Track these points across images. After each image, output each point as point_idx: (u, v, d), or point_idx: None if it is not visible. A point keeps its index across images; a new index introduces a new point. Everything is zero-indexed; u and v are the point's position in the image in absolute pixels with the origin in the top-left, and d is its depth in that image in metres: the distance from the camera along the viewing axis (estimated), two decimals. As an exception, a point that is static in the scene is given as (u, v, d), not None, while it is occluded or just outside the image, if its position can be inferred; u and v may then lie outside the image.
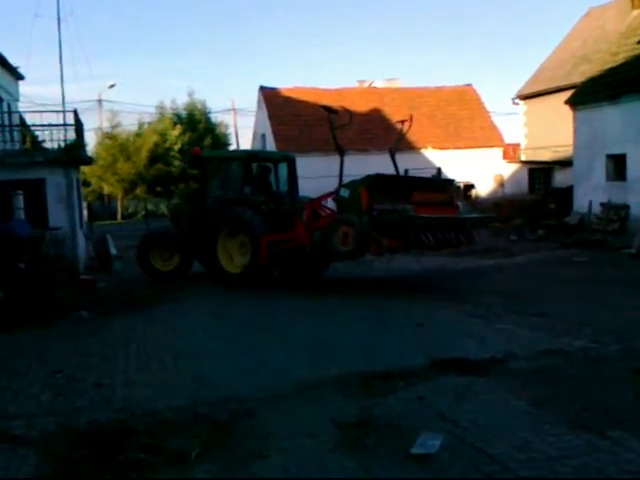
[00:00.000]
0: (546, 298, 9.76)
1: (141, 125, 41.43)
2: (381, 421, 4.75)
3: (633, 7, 22.44)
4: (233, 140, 46.61)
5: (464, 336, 7.47)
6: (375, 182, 10.17)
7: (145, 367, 6.69)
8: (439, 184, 12.08)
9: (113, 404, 5.48)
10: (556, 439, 4.25)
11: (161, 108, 42.38)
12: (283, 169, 12.82)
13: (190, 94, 44.06)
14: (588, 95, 18.55)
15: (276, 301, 10.30)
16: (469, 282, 11.82)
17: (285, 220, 11.35)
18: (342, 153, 11.02)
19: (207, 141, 42.15)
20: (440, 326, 8.20)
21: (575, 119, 19.20)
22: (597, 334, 7.19)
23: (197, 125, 42.42)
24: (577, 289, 10.51)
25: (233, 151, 15.18)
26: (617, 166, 17.61)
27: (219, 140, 44.70)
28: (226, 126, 45.80)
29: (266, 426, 4.79)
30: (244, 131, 76.66)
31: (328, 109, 10.84)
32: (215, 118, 45.28)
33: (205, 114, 43.22)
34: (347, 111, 11.30)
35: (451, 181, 12.01)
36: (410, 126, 11.54)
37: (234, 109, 36.04)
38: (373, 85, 32.64)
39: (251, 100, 62.52)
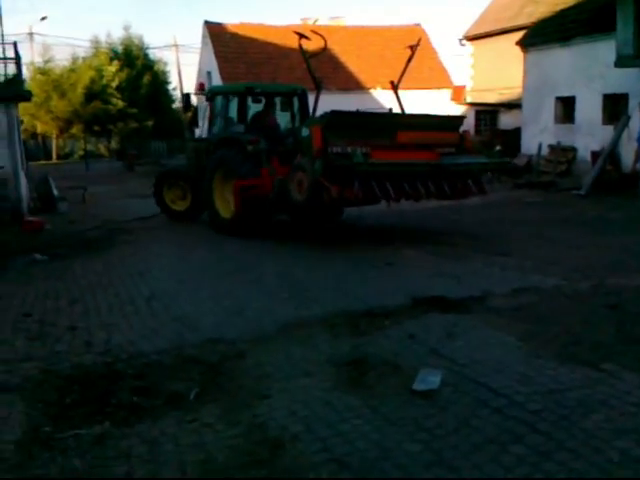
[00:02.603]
0: (507, 238, 9.94)
1: (75, 60, 39.32)
2: (376, 359, 4.75)
3: (583, -52, 22.44)
4: (173, 78, 45.08)
5: (437, 275, 7.53)
6: (334, 120, 8.86)
7: (119, 310, 6.47)
8: (443, 122, 10.58)
9: (94, 348, 5.29)
10: (553, 372, 4.34)
11: (96, 42, 40.22)
12: (294, 104, 11.72)
13: (126, 28, 41.93)
14: (539, 37, 18.63)
15: (237, 244, 10.02)
16: (430, 223, 11.90)
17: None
18: (318, 85, 10.06)
19: (145, 79, 40.49)
20: (410, 265, 8.21)
21: (525, 61, 19.30)
22: (565, 272, 7.38)
23: (134, 61, 40.54)
24: (535, 229, 10.72)
25: (232, 85, 13.61)
26: (566, 108, 17.91)
27: (158, 78, 43.01)
28: (165, 63, 44.06)
29: (260, 367, 4.72)
30: (187, 68, 74.24)
31: (300, 34, 9.88)
32: (154, 54, 43.48)
33: (143, 49, 41.30)
34: (319, 35, 10.09)
35: (460, 118, 10.74)
36: (414, 53, 10.72)
37: (176, 45, 34.64)
38: (317, 23, 31.88)
39: (193, 37, 60.23)
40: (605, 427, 3.60)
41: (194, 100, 37.20)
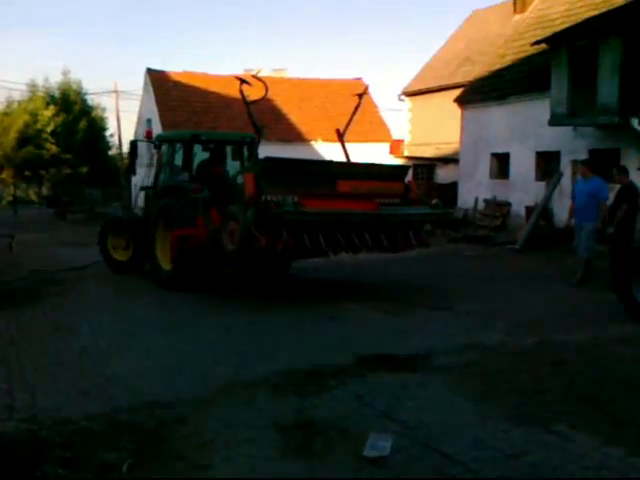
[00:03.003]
0: (448, 292, 9.96)
1: (10, 104, 38.40)
2: (323, 423, 4.52)
3: (515, 12, 23.71)
4: (111, 124, 44.56)
5: (380, 330, 7.42)
6: (269, 167, 8.53)
7: (44, 369, 6.01)
8: (387, 172, 10.36)
9: (17, 413, 4.84)
10: (506, 435, 4.22)
11: (33, 86, 39.41)
12: (243, 153, 11.36)
13: (65, 73, 41.32)
14: (476, 94, 19.28)
15: (175, 299, 9.52)
16: (369, 276, 11.83)
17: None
18: (259, 132, 9.81)
19: (82, 124, 39.84)
20: (352, 321, 8.04)
21: (463, 117, 19.90)
22: (508, 327, 7.39)
23: (72, 106, 39.89)
24: (475, 283, 10.82)
25: (178, 132, 13.20)
26: (501, 164, 18.46)
27: (95, 124, 42.42)
28: (103, 109, 43.53)
29: (201, 433, 4.42)
30: (126, 115, 73.68)
31: (241, 79, 9.72)
32: (92, 100, 42.87)
33: (81, 95, 40.72)
34: (261, 81, 9.78)
35: (405, 168, 10.51)
36: (361, 101, 10.62)
37: (116, 91, 34.19)
38: (260, 74, 32.21)
39: (133, 83, 60.08)
40: (562, 495, 3.48)
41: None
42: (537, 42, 15.54)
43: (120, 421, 4.65)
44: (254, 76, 10.30)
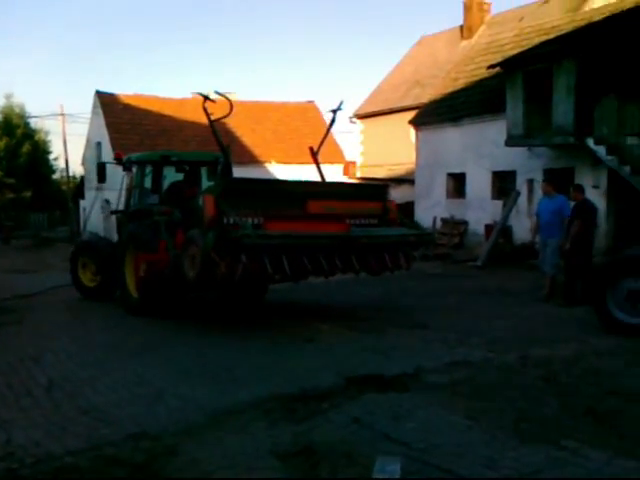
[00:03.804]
0: (419, 310, 9.93)
1: (-51, 127, 37.11)
2: (324, 448, 4.32)
3: (463, 38, 24.29)
4: (55, 147, 43.60)
5: (361, 351, 7.26)
6: (232, 188, 8.14)
7: (14, 403, 5.62)
8: (364, 191, 10.07)
9: (-8, 451, 4.49)
10: (516, 454, 4.12)
11: (-27, 110, 38.27)
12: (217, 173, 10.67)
13: (8, 96, 40.37)
14: (430, 116, 19.55)
15: (139, 324, 9.15)
16: (337, 296, 11.70)
17: None
18: (225, 150, 9.36)
19: (25, 148, 38.83)
20: (331, 342, 7.87)
21: (417, 139, 20.13)
22: (487, 344, 7.35)
23: (14, 130, 38.83)
24: (443, 300, 10.83)
25: (148, 153, 12.50)
26: (457, 184, 18.70)
27: (39, 147, 41.39)
28: (47, 132, 42.51)
29: (196, 465, 4.16)
30: (73, 139, 72.20)
31: (204, 96, 9.08)
32: (35, 124, 41.83)
33: (24, 118, 39.68)
34: (225, 98, 9.13)
35: (384, 187, 10.18)
36: (335, 117, 10.33)
37: (62, 114, 33.27)
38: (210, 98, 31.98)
39: (80, 106, 58.88)
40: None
41: (80, 170, 35.67)
42: (492, 66, 15.87)
43: (106, 455, 4.35)
44: (218, 93, 9.98)
